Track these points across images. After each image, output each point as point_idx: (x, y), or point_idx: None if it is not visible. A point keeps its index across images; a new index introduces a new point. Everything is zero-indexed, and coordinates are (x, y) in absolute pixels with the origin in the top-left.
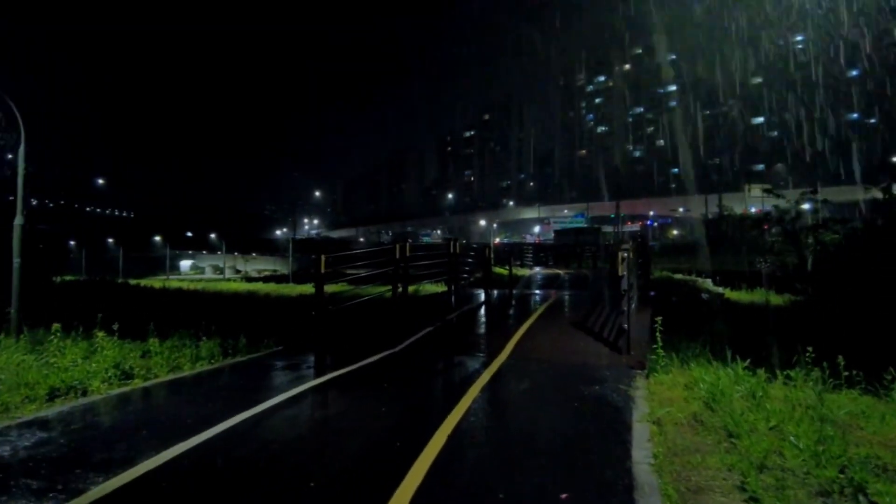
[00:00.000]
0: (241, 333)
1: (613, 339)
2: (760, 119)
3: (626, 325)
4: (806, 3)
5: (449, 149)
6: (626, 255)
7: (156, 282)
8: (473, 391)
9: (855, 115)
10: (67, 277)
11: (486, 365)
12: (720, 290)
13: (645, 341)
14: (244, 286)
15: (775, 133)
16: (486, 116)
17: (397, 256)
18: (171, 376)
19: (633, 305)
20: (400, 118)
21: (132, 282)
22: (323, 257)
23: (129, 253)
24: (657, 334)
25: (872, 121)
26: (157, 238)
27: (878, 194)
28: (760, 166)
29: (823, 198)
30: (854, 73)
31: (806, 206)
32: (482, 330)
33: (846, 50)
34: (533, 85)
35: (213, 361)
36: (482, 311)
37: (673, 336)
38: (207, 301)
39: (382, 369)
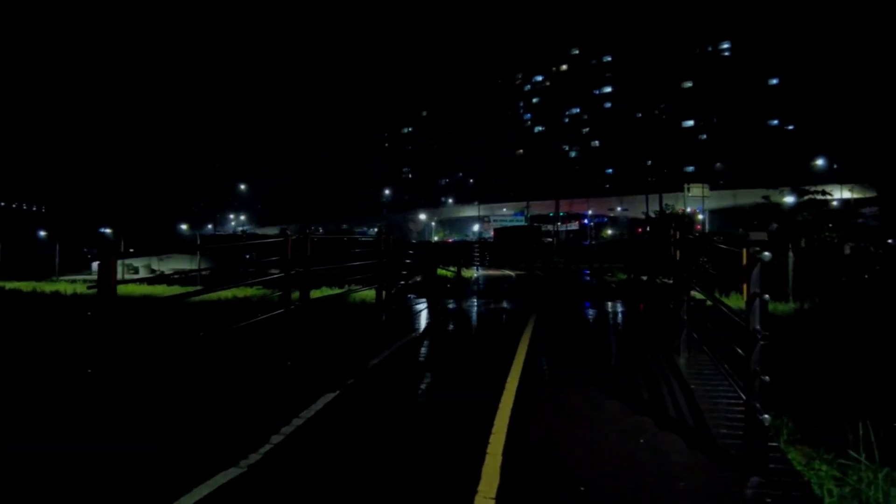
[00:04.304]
0: None
1: (694, 422)
2: (691, 122)
3: (761, 412)
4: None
5: (386, 145)
6: (762, 257)
7: (29, 285)
8: None
9: (776, 122)
10: None
11: None
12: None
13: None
14: (142, 289)
15: (704, 136)
16: (425, 113)
17: (289, 257)
18: None
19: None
20: (334, 113)
21: None
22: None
23: (11, 249)
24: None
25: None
26: (43, 233)
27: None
28: (691, 168)
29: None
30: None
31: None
32: (433, 394)
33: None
34: (471, 83)
35: None
36: (428, 343)
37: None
38: (64, 315)
39: None
